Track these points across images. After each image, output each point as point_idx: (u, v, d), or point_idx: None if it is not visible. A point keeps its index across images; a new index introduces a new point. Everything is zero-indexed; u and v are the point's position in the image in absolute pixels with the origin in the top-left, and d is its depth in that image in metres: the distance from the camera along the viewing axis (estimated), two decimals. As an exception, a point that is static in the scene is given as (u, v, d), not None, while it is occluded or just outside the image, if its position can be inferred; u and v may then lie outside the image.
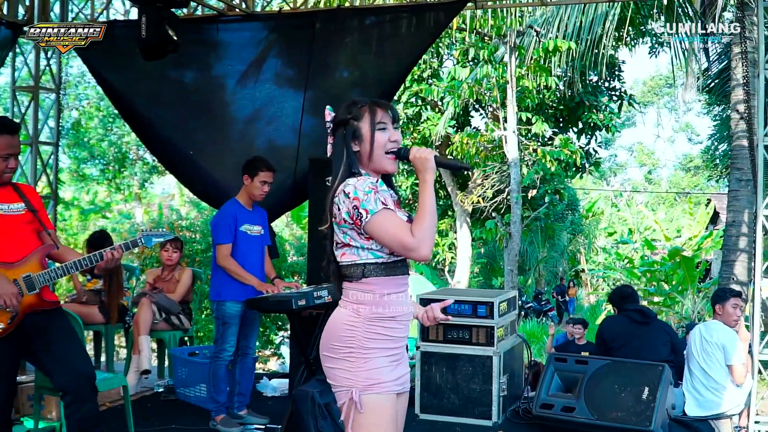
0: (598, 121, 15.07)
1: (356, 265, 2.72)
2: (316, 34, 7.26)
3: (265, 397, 6.64)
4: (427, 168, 2.73)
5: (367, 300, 2.71)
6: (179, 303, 6.89)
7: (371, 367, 2.69)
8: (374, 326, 2.71)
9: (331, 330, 2.77)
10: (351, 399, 2.66)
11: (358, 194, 2.63)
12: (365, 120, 2.77)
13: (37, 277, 3.88)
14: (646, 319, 6.30)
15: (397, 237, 2.63)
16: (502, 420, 5.83)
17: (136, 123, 8.03)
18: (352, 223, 2.66)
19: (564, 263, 28.30)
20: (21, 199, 3.98)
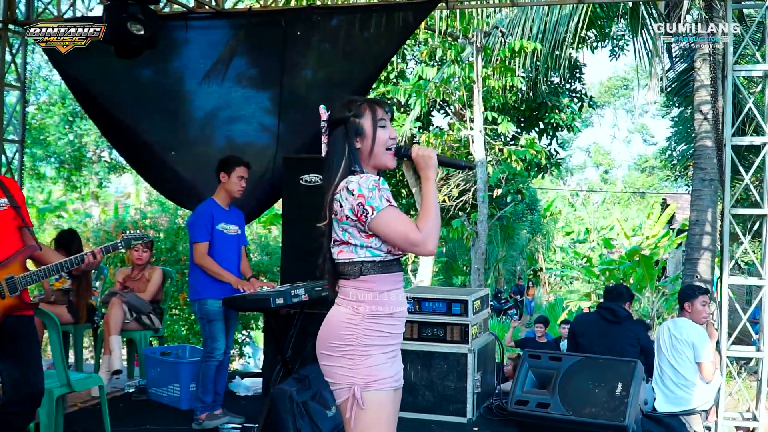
0: (560, 121, 15.21)
1: (353, 263, 2.74)
2: (282, 33, 7.24)
3: (238, 397, 6.61)
4: (429, 166, 2.78)
5: (366, 298, 2.73)
6: (150, 302, 6.82)
7: (371, 364, 2.71)
8: (373, 324, 2.72)
9: (329, 328, 2.77)
10: (353, 396, 2.68)
11: (363, 191, 2.65)
12: (367, 117, 2.79)
13: (19, 280, 3.78)
14: (617, 319, 6.37)
15: (403, 233, 2.66)
16: (476, 417, 5.88)
17: (100, 119, 7.95)
18: (356, 220, 2.68)
19: (522, 262, 28.56)
20: (4, 194, 3.86)
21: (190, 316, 10.46)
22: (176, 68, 7.55)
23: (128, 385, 6.64)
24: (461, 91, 11.72)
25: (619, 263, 18.71)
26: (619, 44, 15.42)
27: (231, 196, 5.58)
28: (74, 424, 5.37)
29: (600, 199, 38.58)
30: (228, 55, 7.43)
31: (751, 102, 6.04)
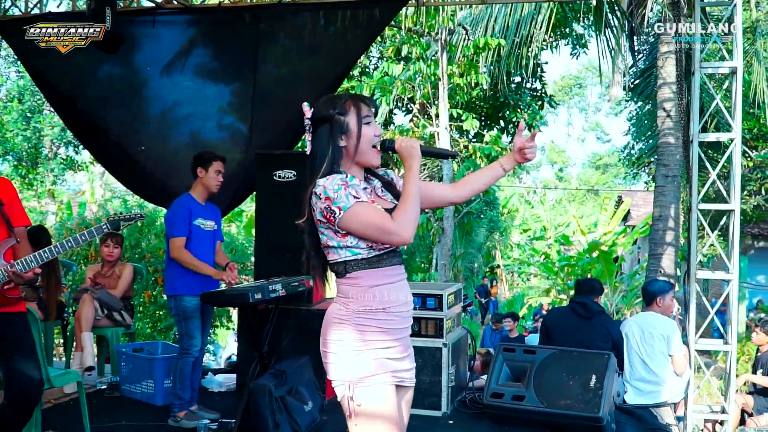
0: (522, 120, 15.37)
1: (338, 263, 2.75)
2: (248, 29, 7.22)
3: (211, 393, 6.59)
4: (413, 156, 2.77)
5: (353, 293, 2.73)
6: (121, 299, 6.77)
7: (364, 360, 2.69)
8: (363, 319, 2.72)
9: (324, 325, 2.79)
10: (347, 392, 2.67)
11: (329, 193, 2.64)
12: (352, 115, 2.78)
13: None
14: (589, 314, 6.42)
15: (374, 223, 2.65)
16: (450, 410, 5.94)
17: (68, 117, 7.88)
18: (327, 222, 2.68)
19: (480, 259, 28.76)
20: None
21: (155, 313, 10.37)
22: (140, 63, 7.49)
23: (100, 381, 6.60)
24: (426, 87, 11.78)
25: (578, 259, 19.00)
26: (581, 43, 15.63)
27: (208, 191, 5.57)
28: (50, 421, 5.30)
29: (556, 196, 39.01)
30: (188, 46, 7.38)
31: (719, 98, 6.18)
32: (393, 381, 2.75)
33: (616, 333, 6.43)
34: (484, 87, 14.01)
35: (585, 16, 11.19)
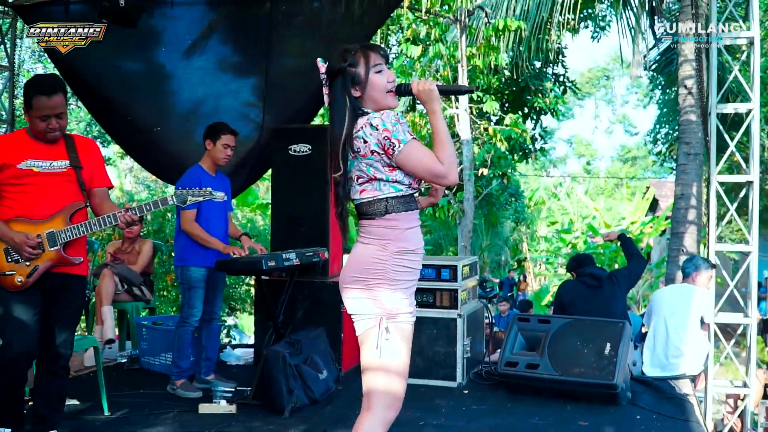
0: (544, 105, 15.30)
1: (379, 200, 2.82)
2: (265, 17, 7.24)
3: (230, 366, 6.65)
4: (432, 98, 2.86)
5: (393, 236, 2.83)
6: (140, 274, 6.86)
7: (397, 298, 2.82)
8: (401, 259, 2.83)
9: (357, 264, 2.86)
10: (379, 326, 2.79)
11: (387, 126, 2.74)
12: (361, 65, 2.86)
13: (59, 233, 3.86)
14: (599, 283, 6.47)
15: (428, 165, 2.76)
16: (465, 381, 5.95)
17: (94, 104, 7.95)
18: (383, 153, 2.76)
19: (507, 252, 28.63)
20: (68, 156, 3.95)
21: (179, 297, 10.47)
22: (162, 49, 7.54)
23: (120, 355, 6.68)
24: (446, 70, 11.77)
25: (604, 248, 18.86)
26: (601, 25, 15.53)
27: (216, 164, 5.61)
28: (68, 390, 5.37)
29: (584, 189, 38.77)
30: (208, 32, 7.42)
31: (737, 69, 6.14)
32: (413, 319, 2.91)
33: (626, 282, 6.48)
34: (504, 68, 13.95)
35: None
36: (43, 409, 3.97)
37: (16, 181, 3.84)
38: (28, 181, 3.85)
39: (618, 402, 5.29)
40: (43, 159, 3.89)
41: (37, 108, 3.79)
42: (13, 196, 3.86)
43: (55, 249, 3.87)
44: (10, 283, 3.82)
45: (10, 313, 3.82)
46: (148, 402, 5.32)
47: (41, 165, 3.87)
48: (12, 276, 3.82)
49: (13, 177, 3.83)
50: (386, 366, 2.81)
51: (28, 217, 3.85)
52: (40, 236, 3.83)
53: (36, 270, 3.84)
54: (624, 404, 5.32)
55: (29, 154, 3.86)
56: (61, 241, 3.87)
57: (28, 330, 3.84)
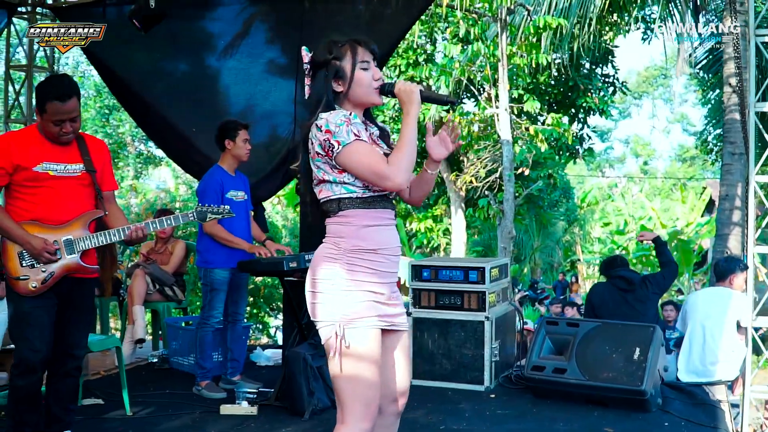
0: (593, 105, 15.08)
1: (332, 200, 2.72)
2: (306, 17, 7.24)
3: (259, 367, 6.66)
4: (412, 101, 2.75)
5: (345, 232, 2.71)
6: (173, 275, 6.91)
7: (354, 301, 2.68)
8: (355, 259, 2.70)
9: (313, 265, 2.77)
10: (335, 334, 2.65)
11: (330, 127, 2.64)
12: (347, 59, 2.77)
13: (78, 241, 3.84)
14: (631, 286, 6.34)
15: (370, 166, 2.65)
16: (494, 385, 5.85)
17: (132, 104, 8.02)
18: (325, 155, 2.67)
19: (559, 253, 28.29)
20: (82, 159, 3.91)
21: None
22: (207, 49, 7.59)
23: (152, 355, 6.73)
24: (486, 69, 11.66)
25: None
26: (650, 27, 15.23)
27: (239, 161, 5.60)
28: (94, 389, 5.45)
29: (639, 189, 38.13)
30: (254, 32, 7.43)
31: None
32: (380, 324, 2.73)
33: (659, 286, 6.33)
34: (554, 72, 13.79)
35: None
36: (57, 409, 3.99)
37: (31, 184, 3.80)
38: (43, 185, 3.81)
39: (647, 408, 5.14)
40: (58, 161, 3.84)
41: (51, 112, 3.74)
42: (27, 198, 3.82)
43: (72, 257, 3.85)
44: (23, 287, 3.78)
45: (26, 317, 3.79)
46: (171, 402, 5.35)
47: (56, 168, 3.82)
48: (26, 281, 3.78)
49: (28, 179, 3.79)
50: (349, 373, 2.66)
51: (44, 221, 3.82)
52: (57, 242, 3.80)
53: (51, 276, 3.80)
54: (653, 410, 5.17)
55: (44, 156, 3.81)
56: (79, 249, 3.85)
57: (45, 334, 3.81)
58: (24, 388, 3.81)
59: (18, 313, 3.84)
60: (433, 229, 17.28)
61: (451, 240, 17.12)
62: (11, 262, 3.80)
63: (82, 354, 4.09)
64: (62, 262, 3.82)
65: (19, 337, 3.85)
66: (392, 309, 2.80)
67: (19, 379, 3.80)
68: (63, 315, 3.92)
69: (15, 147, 3.79)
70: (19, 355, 3.81)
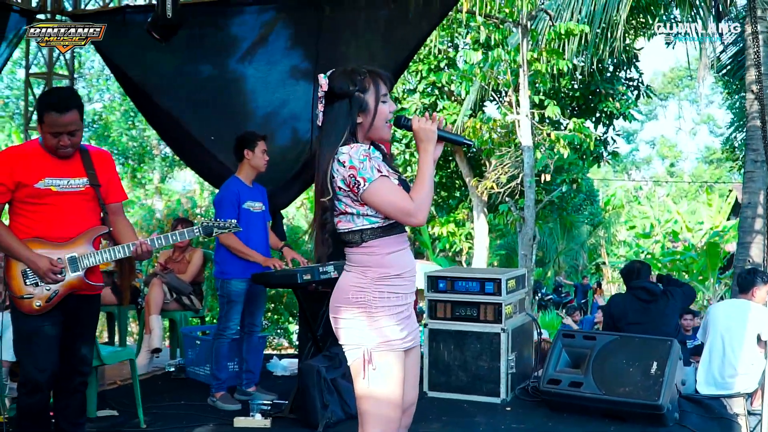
0: (615, 110, 14.97)
1: (353, 232, 2.77)
2: (324, 20, 7.26)
3: (275, 376, 6.66)
4: (430, 139, 2.79)
5: (372, 262, 2.77)
6: (190, 284, 6.93)
7: (382, 326, 2.77)
8: (382, 286, 2.77)
9: (340, 293, 2.83)
10: (364, 357, 2.74)
11: (354, 162, 2.67)
12: (371, 93, 2.79)
13: (82, 259, 3.77)
14: (653, 297, 6.25)
15: (395, 203, 2.70)
16: (510, 398, 5.81)
17: (151, 112, 8.06)
18: (348, 191, 2.70)
19: (584, 256, 28.10)
20: (86, 173, 3.85)
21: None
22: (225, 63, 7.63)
23: (169, 364, 6.75)
24: (507, 75, 11.60)
25: (682, 253, 18.37)
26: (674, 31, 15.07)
27: (257, 172, 5.59)
28: (109, 400, 5.47)
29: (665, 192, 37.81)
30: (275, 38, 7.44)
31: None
32: (405, 346, 2.83)
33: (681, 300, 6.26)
34: (577, 76, 13.70)
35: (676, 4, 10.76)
36: (66, 425, 3.97)
37: (33, 200, 3.72)
38: (46, 201, 3.73)
39: (664, 423, 5.08)
40: (60, 176, 3.76)
41: (49, 124, 3.65)
42: (30, 215, 3.75)
43: (77, 275, 3.78)
44: (27, 306, 3.73)
45: (30, 336, 3.75)
46: (186, 414, 5.36)
47: (59, 183, 3.75)
48: (30, 299, 3.72)
49: (30, 196, 3.71)
50: (375, 395, 2.76)
51: (47, 238, 3.75)
52: (61, 260, 3.73)
53: (56, 295, 3.74)
54: (671, 425, 5.12)
55: (46, 172, 3.73)
56: (83, 266, 3.78)
57: (50, 352, 3.78)
58: (30, 405, 3.79)
59: (22, 332, 3.80)
60: (456, 233, 17.24)
61: (474, 244, 17.06)
62: (15, 281, 3.73)
63: (89, 370, 4.08)
64: (66, 280, 3.75)
65: (24, 355, 3.82)
66: (410, 327, 2.89)
67: (26, 397, 3.78)
68: (69, 332, 3.87)
69: (16, 163, 3.71)
70: (24, 374, 3.79)
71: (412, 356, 2.94)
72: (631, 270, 6.66)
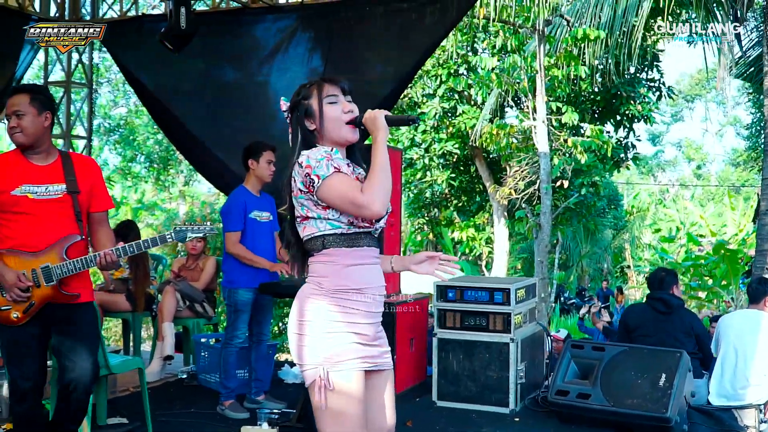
0: (636, 112, 14.86)
1: (315, 237, 2.71)
2: (340, 26, 7.32)
3: (287, 384, 6.67)
4: (378, 127, 2.73)
5: (328, 272, 2.70)
6: (203, 291, 6.98)
7: (338, 343, 2.67)
8: (338, 299, 2.68)
9: (296, 306, 2.76)
10: (320, 377, 2.63)
11: (311, 162, 2.65)
12: (314, 97, 2.79)
13: (55, 269, 3.76)
14: (669, 309, 6.17)
15: (347, 196, 2.62)
16: (520, 407, 5.80)
17: (165, 119, 8.15)
18: (306, 191, 2.67)
19: (608, 260, 27.88)
20: (65, 179, 3.82)
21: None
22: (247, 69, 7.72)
23: (182, 371, 6.79)
24: (524, 81, 11.57)
25: (704, 258, 18.17)
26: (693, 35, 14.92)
27: (262, 182, 5.62)
28: (120, 407, 5.51)
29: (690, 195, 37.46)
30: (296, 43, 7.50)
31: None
32: (364, 366, 2.72)
33: (699, 326, 6.15)
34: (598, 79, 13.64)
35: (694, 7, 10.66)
36: (69, 424, 3.99)
37: (9, 209, 3.72)
38: (22, 210, 3.73)
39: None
40: (38, 183, 3.76)
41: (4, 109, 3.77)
42: (7, 224, 3.75)
43: (51, 285, 3.77)
44: (5, 318, 3.75)
45: (13, 347, 3.81)
46: (194, 422, 5.40)
47: (36, 191, 3.74)
48: (8, 311, 3.74)
49: (6, 204, 3.72)
50: (334, 418, 2.66)
51: (22, 248, 3.75)
52: (35, 271, 3.73)
53: (32, 306, 3.76)
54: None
55: (24, 178, 3.74)
56: (56, 276, 3.76)
57: (34, 362, 3.81)
58: (21, 413, 3.85)
59: (6, 343, 3.84)
60: (476, 237, 17.20)
61: (494, 249, 17.01)
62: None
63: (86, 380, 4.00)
64: (41, 290, 3.76)
65: (9, 365, 3.86)
66: (376, 350, 2.79)
67: (17, 405, 3.85)
68: (63, 345, 3.87)
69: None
70: (11, 383, 3.85)
71: (381, 380, 2.84)
72: (654, 279, 6.52)
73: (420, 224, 19.35)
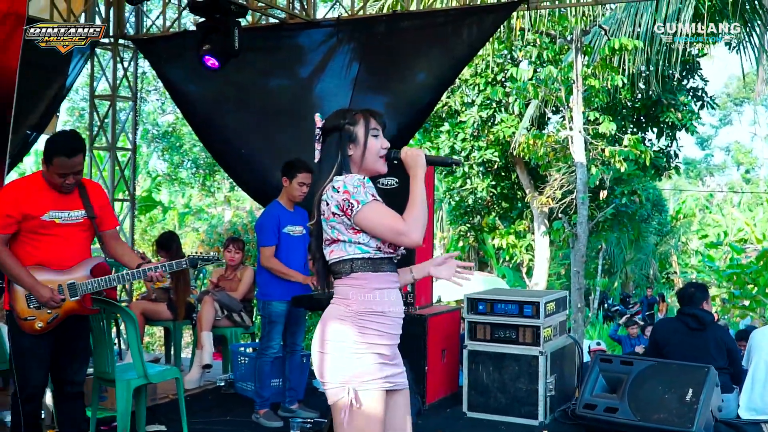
0: (677, 121, 14.74)
1: (344, 261, 2.84)
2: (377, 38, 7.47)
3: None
4: (418, 164, 2.90)
5: (357, 295, 2.82)
6: (241, 301, 7.15)
7: (364, 363, 2.79)
8: (365, 321, 2.81)
9: (323, 327, 2.88)
10: (348, 395, 2.75)
11: (348, 188, 2.79)
12: (361, 125, 2.93)
13: (81, 286, 4.16)
14: (701, 326, 6.08)
15: (388, 223, 2.77)
16: (549, 420, 5.86)
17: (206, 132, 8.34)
18: (342, 215, 2.79)
19: (654, 266, 27.57)
20: (83, 205, 4.22)
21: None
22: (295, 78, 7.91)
23: (220, 379, 6.97)
24: (561, 91, 11.59)
25: (747, 267, 17.97)
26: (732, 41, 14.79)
27: (293, 201, 5.76)
28: (159, 415, 5.70)
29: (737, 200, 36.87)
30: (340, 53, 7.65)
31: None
32: (387, 386, 2.84)
33: (730, 341, 6.14)
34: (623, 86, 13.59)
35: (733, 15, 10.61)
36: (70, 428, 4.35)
37: (39, 230, 4.09)
38: (50, 232, 4.11)
39: (698, 450, 5.08)
40: (62, 209, 4.14)
41: (58, 165, 4.02)
42: (35, 244, 4.11)
43: (76, 300, 4.17)
44: (29, 327, 4.11)
45: (27, 352, 4.16)
46: (230, 429, 5.58)
47: (62, 216, 4.13)
48: (33, 321, 4.11)
49: (36, 227, 4.08)
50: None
51: (50, 266, 4.12)
52: (60, 287, 4.12)
53: (56, 318, 4.15)
54: (705, 452, 5.12)
55: (51, 205, 4.10)
56: (81, 292, 4.17)
57: (43, 367, 4.21)
58: (29, 412, 4.19)
59: (21, 348, 4.18)
60: (516, 244, 17.21)
61: (534, 256, 17.01)
62: (19, 304, 4.11)
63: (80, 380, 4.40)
64: (66, 304, 4.15)
65: (21, 369, 4.19)
66: (396, 369, 2.91)
67: (27, 405, 4.17)
68: (60, 350, 4.25)
69: (23, 196, 4.07)
70: (22, 386, 4.17)
71: (398, 399, 2.95)
72: (684, 295, 6.47)
73: (462, 231, 19.41)
